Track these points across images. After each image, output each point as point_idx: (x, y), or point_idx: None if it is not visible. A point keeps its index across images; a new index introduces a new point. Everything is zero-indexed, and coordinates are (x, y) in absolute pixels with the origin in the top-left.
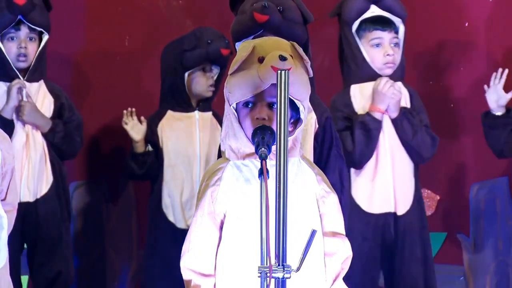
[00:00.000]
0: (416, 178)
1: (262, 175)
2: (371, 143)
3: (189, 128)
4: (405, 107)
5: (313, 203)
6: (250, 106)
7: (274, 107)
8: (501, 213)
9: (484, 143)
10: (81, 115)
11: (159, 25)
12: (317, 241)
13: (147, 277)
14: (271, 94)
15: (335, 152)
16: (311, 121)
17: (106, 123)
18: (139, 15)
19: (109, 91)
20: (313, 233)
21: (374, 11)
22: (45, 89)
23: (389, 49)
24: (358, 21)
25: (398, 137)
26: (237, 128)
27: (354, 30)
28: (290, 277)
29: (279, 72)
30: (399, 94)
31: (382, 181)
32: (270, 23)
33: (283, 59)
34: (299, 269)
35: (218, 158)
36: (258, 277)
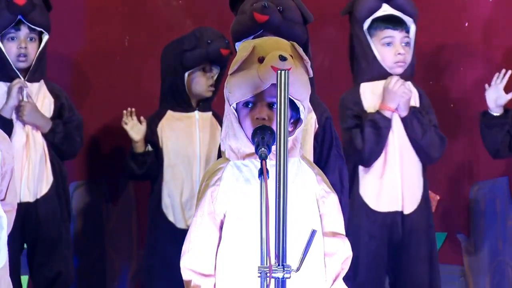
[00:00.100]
0: (424, 177)
1: (262, 175)
2: (380, 141)
3: (189, 128)
4: (415, 106)
5: (313, 203)
6: (250, 106)
7: (274, 107)
8: (501, 213)
9: None
10: (81, 115)
11: (159, 25)
12: (317, 241)
13: (147, 277)
14: (271, 94)
15: (335, 152)
16: (311, 121)
17: (106, 123)
18: (139, 15)
19: (109, 91)
20: (313, 233)
21: (385, 10)
22: (45, 89)
23: (400, 48)
24: (369, 20)
25: (407, 136)
26: (237, 128)
27: (365, 28)
28: (290, 277)
29: (279, 72)
30: (409, 93)
31: (390, 180)
32: (270, 23)
33: (283, 59)
34: (299, 269)
35: (218, 158)
36: (258, 277)
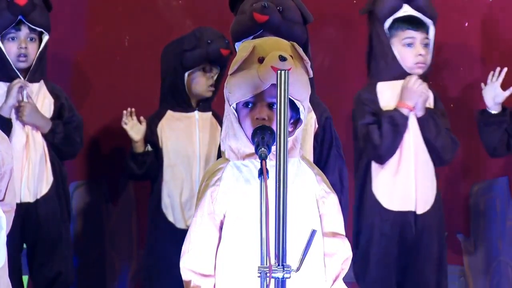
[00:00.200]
0: (436, 179)
1: (262, 175)
2: (397, 138)
3: (189, 128)
4: (430, 108)
5: (313, 203)
6: (250, 106)
7: (274, 107)
8: (501, 213)
9: None
10: (81, 115)
11: (159, 25)
12: (317, 241)
13: (147, 277)
14: (271, 94)
15: (335, 152)
16: (310, 121)
17: (106, 123)
18: (139, 15)
19: (109, 91)
20: (313, 233)
21: (406, 11)
22: (45, 90)
23: (421, 49)
24: (390, 19)
25: (422, 136)
26: (237, 128)
27: (386, 27)
28: (290, 277)
29: (279, 72)
30: (427, 93)
31: (404, 179)
32: (269, 23)
33: (283, 59)
34: (299, 269)
35: (218, 158)
36: (258, 277)
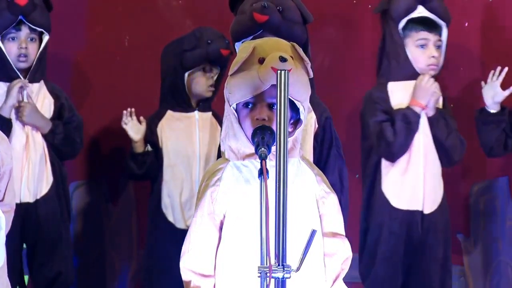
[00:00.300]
0: (442, 180)
1: (262, 175)
2: (410, 136)
3: (189, 128)
4: (441, 108)
5: (313, 203)
6: (250, 106)
7: (274, 107)
8: (501, 213)
9: None
10: (81, 115)
11: (159, 25)
12: (317, 241)
13: (147, 277)
14: (271, 95)
15: (334, 152)
16: (310, 121)
17: (106, 123)
18: (139, 15)
19: (109, 91)
20: (313, 233)
21: (420, 12)
22: (45, 90)
23: (434, 51)
24: (405, 20)
25: (432, 136)
26: (237, 128)
27: (400, 28)
28: (290, 277)
29: (279, 72)
30: (439, 92)
31: (413, 178)
32: (269, 23)
33: (283, 60)
34: (299, 269)
35: (218, 158)
36: (258, 277)
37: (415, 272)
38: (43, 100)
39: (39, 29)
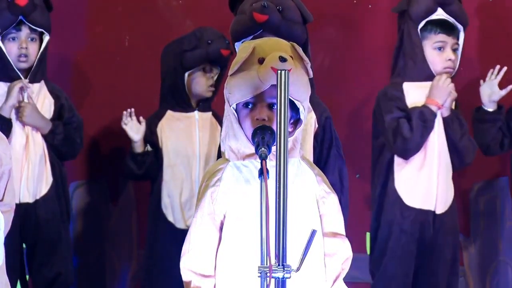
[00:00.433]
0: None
1: (262, 175)
2: (426, 134)
3: (189, 128)
4: (455, 109)
5: (313, 203)
6: (250, 106)
7: (274, 107)
8: (501, 213)
9: None
10: (81, 116)
11: (159, 25)
12: (317, 241)
13: (147, 277)
14: (271, 95)
15: (334, 152)
16: (310, 121)
17: (106, 123)
18: (139, 15)
19: (109, 91)
20: (313, 233)
21: (439, 14)
22: (45, 90)
23: (451, 54)
24: (424, 21)
25: (446, 137)
26: (237, 128)
27: (419, 29)
28: (290, 277)
29: (279, 72)
30: (455, 93)
31: (427, 178)
32: (269, 23)
33: (283, 60)
34: (299, 269)
35: (218, 158)
36: (258, 277)
37: (422, 272)
38: (43, 100)
39: (39, 29)
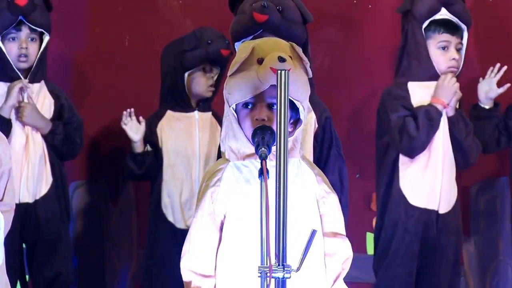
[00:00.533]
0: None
1: (262, 175)
2: (431, 133)
3: (189, 128)
4: (459, 109)
5: (313, 203)
6: (249, 107)
7: (273, 107)
8: (501, 213)
9: None
10: (81, 116)
11: (159, 25)
12: (317, 241)
13: (147, 277)
14: (271, 95)
15: (334, 152)
16: (310, 121)
17: (106, 123)
18: (139, 15)
19: (109, 91)
20: (313, 233)
21: (443, 14)
22: (45, 90)
23: (455, 53)
24: (427, 21)
25: (451, 136)
26: (237, 129)
27: (423, 28)
28: (290, 277)
29: (279, 72)
30: (460, 93)
31: (431, 177)
32: (269, 23)
33: (282, 60)
34: (299, 269)
35: (218, 158)
36: (258, 277)
37: (425, 272)
38: (43, 100)
39: (39, 29)
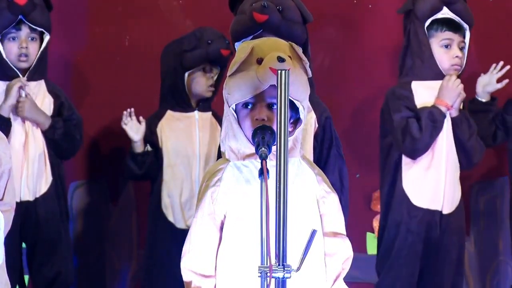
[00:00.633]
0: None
1: (262, 175)
2: (434, 134)
3: (189, 128)
4: (463, 109)
5: (313, 203)
6: (249, 107)
7: (273, 107)
8: (501, 213)
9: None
10: (80, 115)
11: (159, 25)
12: (317, 241)
13: (147, 277)
14: (271, 94)
15: (334, 152)
16: (310, 121)
17: (106, 123)
18: (139, 15)
19: (109, 91)
20: (313, 233)
21: (445, 13)
22: (44, 89)
23: (458, 51)
24: (429, 20)
25: (454, 137)
26: (237, 129)
27: (425, 27)
28: (290, 277)
29: (279, 72)
30: (464, 94)
31: (434, 177)
32: (269, 23)
33: (281, 60)
34: (299, 269)
35: (218, 158)
36: (258, 277)
37: (427, 272)
38: (42, 99)
39: (39, 29)
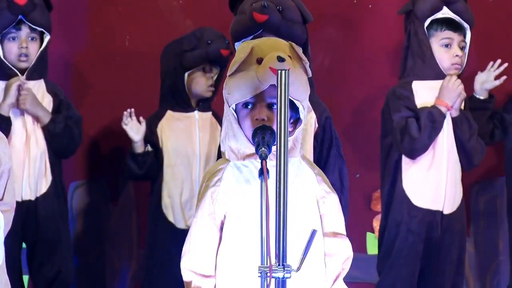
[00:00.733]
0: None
1: (262, 175)
2: (434, 134)
3: (189, 128)
4: (464, 110)
5: (313, 203)
6: (249, 106)
7: (273, 107)
8: (501, 213)
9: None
10: (80, 114)
11: (159, 25)
12: (317, 241)
13: (147, 277)
14: (271, 94)
15: (334, 151)
16: (310, 121)
17: (106, 123)
18: (139, 15)
19: (109, 91)
20: (313, 233)
21: (445, 13)
22: (44, 88)
23: (458, 50)
24: (429, 19)
25: (455, 137)
26: (237, 129)
27: (425, 27)
28: (290, 277)
29: (279, 71)
30: (465, 94)
31: (435, 178)
32: (269, 23)
33: (281, 60)
34: (299, 269)
35: (218, 158)
36: (258, 277)
37: (428, 272)
38: (42, 98)
39: (39, 29)
